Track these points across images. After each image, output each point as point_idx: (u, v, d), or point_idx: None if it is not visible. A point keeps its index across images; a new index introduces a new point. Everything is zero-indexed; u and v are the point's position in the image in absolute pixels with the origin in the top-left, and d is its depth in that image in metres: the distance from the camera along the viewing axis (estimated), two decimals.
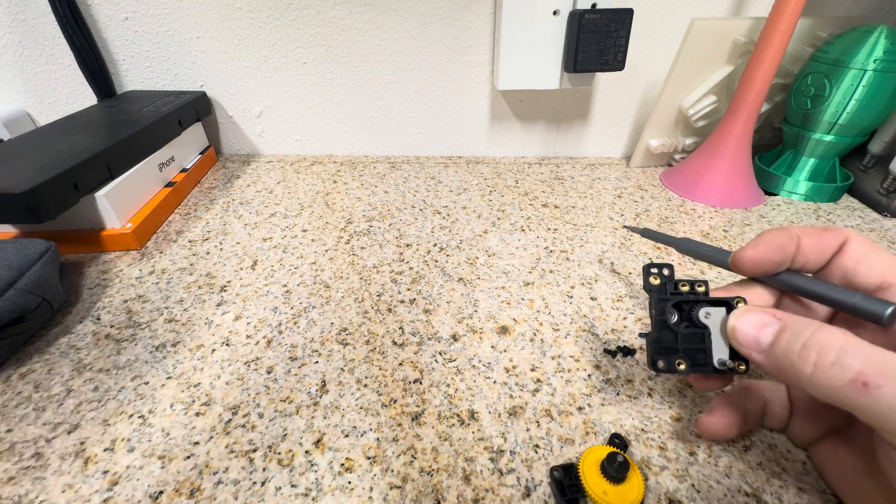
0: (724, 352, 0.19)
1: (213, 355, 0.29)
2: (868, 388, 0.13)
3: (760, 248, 0.19)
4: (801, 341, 0.15)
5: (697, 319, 0.19)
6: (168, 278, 0.36)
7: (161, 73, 0.54)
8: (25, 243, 0.32)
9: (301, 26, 0.51)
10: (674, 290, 0.20)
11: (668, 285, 0.20)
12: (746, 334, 0.17)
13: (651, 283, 0.20)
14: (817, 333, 0.15)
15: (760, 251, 0.19)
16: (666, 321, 0.19)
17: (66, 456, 0.23)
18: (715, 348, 0.19)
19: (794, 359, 0.15)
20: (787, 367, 0.16)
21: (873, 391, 0.13)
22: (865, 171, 0.50)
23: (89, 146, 0.38)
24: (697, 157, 0.50)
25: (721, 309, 0.19)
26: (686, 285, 0.20)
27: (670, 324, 0.19)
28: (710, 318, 0.19)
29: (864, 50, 0.42)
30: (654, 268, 0.20)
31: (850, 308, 0.17)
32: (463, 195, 0.50)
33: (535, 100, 0.57)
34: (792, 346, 0.15)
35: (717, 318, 0.19)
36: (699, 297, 0.20)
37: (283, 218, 0.45)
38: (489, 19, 0.51)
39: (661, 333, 0.20)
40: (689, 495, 0.22)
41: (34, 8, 0.48)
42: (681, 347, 0.19)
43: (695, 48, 0.47)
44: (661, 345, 0.19)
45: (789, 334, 0.16)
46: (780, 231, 0.19)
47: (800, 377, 0.15)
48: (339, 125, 0.58)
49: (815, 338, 0.15)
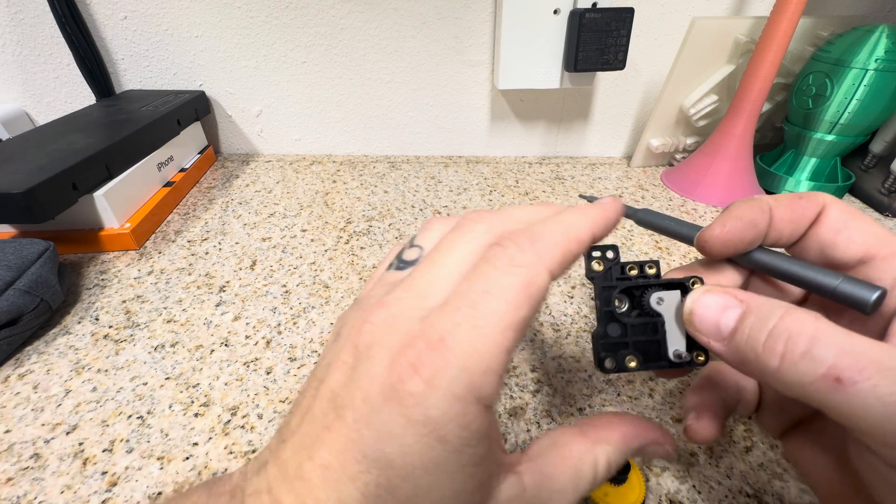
0: (680, 342, 0.17)
1: (211, 356, 0.29)
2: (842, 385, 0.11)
3: (730, 226, 0.16)
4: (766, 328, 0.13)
5: (649, 306, 0.17)
6: (167, 278, 0.36)
7: (160, 73, 0.54)
8: (24, 243, 0.32)
9: (300, 25, 0.51)
10: (620, 276, 0.17)
11: (613, 270, 0.17)
12: (705, 319, 0.15)
13: (593, 270, 0.17)
14: (785, 319, 0.13)
15: (730, 229, 0.16)
16: (613, 312, 0.17)
17: (65, 457, 0.23)
18: (670, 338, 0.17)
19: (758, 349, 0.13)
20: (750, 358, 0.13)
21: (848, 388, 0.11)
22: (867, 171, 0.50)
23: (88, 146, 0.38)
24: (698, 156, 0.50)
25: (675, 292, 0.17)
26: (634, 268, 0.17)
27: (618, 315, 0.17)
28: (664, 305, 0.17)
29: (865, 49, 0.42)
30: (595, 251, 0.17)
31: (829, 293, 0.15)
32: (463, 195, 0.50)
33: (536, 99, 0.57)
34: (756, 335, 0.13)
35: (672, 303, 0.17)
36: (650, 280, 0.17)
37: (282, 218, 0.45)
38: (489, 18, 0.51)
39: (609, 327, 0.17)
40: (690, 496, 0.22)
41: (33, 7, 0.48)
42: (631, 341, 0.17)
43: (696, 47, 0.47)
44: (608, 340, 0.17)
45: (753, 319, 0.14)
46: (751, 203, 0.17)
47: (765, 371, 0.13)
48: (339, 124, 0.58)
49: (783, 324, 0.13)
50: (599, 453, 0.16)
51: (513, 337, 0.13)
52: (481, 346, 0.13)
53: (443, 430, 0.12)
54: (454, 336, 0.13)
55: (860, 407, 0.11)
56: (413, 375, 0.13)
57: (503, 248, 0.14)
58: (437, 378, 0.12)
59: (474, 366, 0.13)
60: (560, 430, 0.16)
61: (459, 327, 0.13)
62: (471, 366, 0.13)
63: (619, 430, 0.16)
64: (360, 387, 0.13)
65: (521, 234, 0.14)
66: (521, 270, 0.14)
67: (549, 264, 0.14)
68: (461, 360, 0.13)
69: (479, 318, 0.13)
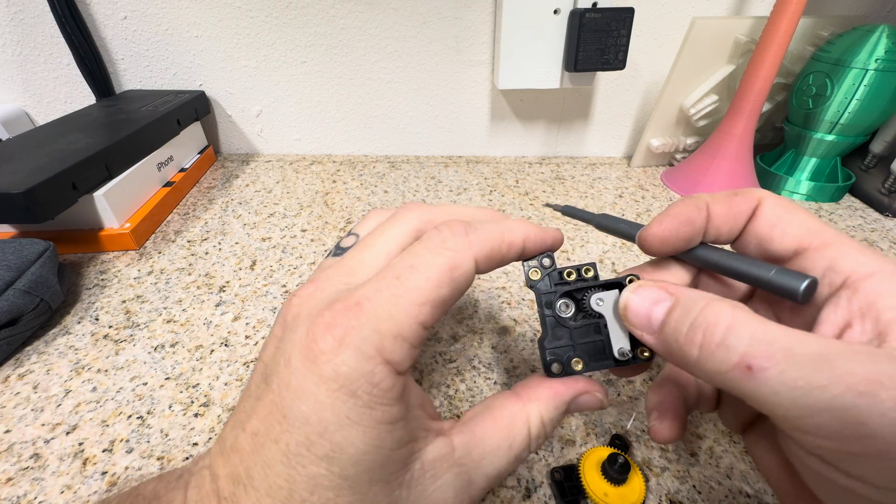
0: (624, 340, 0.17)
1: (211, 356, 0.29)
2: (752, 372, 0.12)
3: (666, 224, 0.17)
4: (689, 319, 0.13)
5: (590, 308, 0.17)
6: (167, 278, 0.36)
7: (160, 73, 0.54)
8: (24, 243, 0.32)
9: (300, 25, 0.51)
10: (559, 281, 0.17)
11: (551, 276, 0.18)
12: (638, 313, 0.15)
13: (531, 279, 0.17)
14: (706, 310, 0.13)
15: (666, 227, 0.17)
16: (556, 317, 0.17)
17: (65, 457, 0.23)
18: (614, 338, 0.17)
19: (681, 340, 0.13)
20: (675, 349, 0.14)
21: (758, 375, 0.12)
22: (867, 171, 0.50)
23: (88, 146, 0.38)
24: (699, 156, 0.50)
25: (614, 292, 0.17)
26: (572, 273, 0.17)
27: (561, 319, 0.17)
28: (604, 305, 0.17)
29: (865, 49, 0.42)
30: (531, 260, 0.18)
31: (765, 284, 0.15)
32: (463, 195, 0.50)
33: (536, 99, 0.57)
34: (679, 326, 0.14)
35: (612, 303, 0.17)
36: (588, 282, 0.17)
37: (282, 218, 0.45)
38: (489, 18, 0.51)
39: (553, 332, 0.17)
40: (691, 497, 0.22)
41: (32, 7, 0.48)
42: (576, 343, 0.17)
43: (696, 47, 0.47)
44: (554, 346, 0.17)
45: (679, 311, 0.14)
46: (688, 202, 0.17)
47: (687, 361, 0.13)
48: (339, 124, 0.58)
49: (703, 315, 0.13)
50: (532, 411, 0.16)
51: (429, 312, 0.14)
52: (396, 312, 0.13)
53: (353, 386, 0.13)
54: (371, 301, 0.14)
55: (770, 393, 0.12)
56: (326, 334, 0.13)
57: (438, 232, 0.15)
58: (347, 337, 0.13)
59: (386, 329, 0.13)
60: (494, 395, 0.17)
61: (379, 293, 0.14)
62: (382, 329, 0.13)
63: (550, 387, 0.17)
64: (283, 353, 0.14)
65: (457, 222, 0.15)
66: (448, 253, 0.14)
67: (477, 254, 0.15)
68: (374, 322, 0.13)
69: (400, 288, 0.14)
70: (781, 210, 0.16)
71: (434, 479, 0.14)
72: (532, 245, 0.17)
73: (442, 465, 0.15)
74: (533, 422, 0.16)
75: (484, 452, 0.15)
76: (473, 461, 0.15)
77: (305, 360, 0.13)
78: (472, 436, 0.15)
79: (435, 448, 0.15)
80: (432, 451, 0.15)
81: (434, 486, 0.14)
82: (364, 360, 0.13)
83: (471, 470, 0.15)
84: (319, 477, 0.13)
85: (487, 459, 0.15)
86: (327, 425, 0.13)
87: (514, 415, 0.16)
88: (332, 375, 0.13)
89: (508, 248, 0.16)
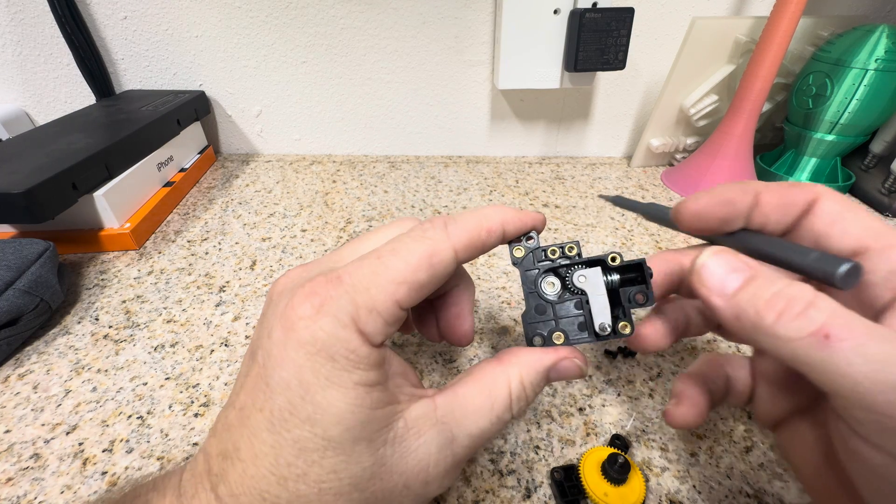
0: (605, 316, 0.17)
1: (211, 356, 0.29)
2: (829, 341, 0.12)
3: (703, 201, 0.17)
4: (771, 290, 0.14)
5: (573, 285, 0.18)
6: (167, 278, 0.36)
7: (160, 73, 0.54)
8: (24, 243, 0.32)
9: (300, 25, 0.51)
10: (543, 259, 0.18)
11: (535, 254, 0.18)
12: (714, 275, 0.15)
13: (515, 256, 0.18)
14: (791, 286, 0.14)
15: (703, 203, 0.17)
16: (540, 294, 0.18)
17: (65, 457, 0.23)
18: (595, 313, 0.17)
19: (759, 306, 0.14)
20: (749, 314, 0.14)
21: (834, 344, 0.12)
22: (867, 171, 0.50)
23: (88, 146, 0.38)
24: (699, 156, 0.50)
25: (597, 269, 0.17)
26: (556, 251, 0.18)
27: (543, 295, 0.18)
28: (587, 282, 0.17)
29: (865, 49, 0.42)
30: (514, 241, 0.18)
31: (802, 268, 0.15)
32: (463, 195, 0.50)
33: (536, 99, 0.57)
34: (761, 294, 0.14)
35: (594, 279, 0.17)
36: (572, 260, 0.18)
37: (282, 218, 0.45)
38: (489, 18, 0.51)
39: (536, 307, 0.18)
40: (691, 496, 0.22)
41: (33, 7, 0.48)
42: (558, 318, 0.18)
43: (696, 47, 0.47)
44: (536, 320, 0.18)
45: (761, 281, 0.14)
46: (734, 184, 0.17)
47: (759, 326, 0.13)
48: (339, 124, 0.58)
49: (788, 289, 0.13)
50: (512, 373, 0.17)
51: (405, 292, 0.15)
52: (373, 287, 0.14)
53: (331, 350, 0.14)
54: (351, 275, 0.15)
55: (844, 364, 0.12)
56: (304, 302, 0.14)
57: (421, 226, 0.16)
58: (325, 305, 0.14)
59: (361, 301, 0.14)
60: (478, 363, 0.18)
61: (359, 269, 0.15)
62: (358, 301, 0.14)
63: (531, 353, 0.17)
64: (266, 326, 0.15)
65: (438, 218, 0.17)
66: (428, 241, 0.15)
67: (456, 244, 0.16)
68: (351, 294, 0.14)
69: (380, 266, 0.15)
70: (842, 207, 0.16)
71: (417, 436, 0.15)
72: (512, 228, 0.17)
73: (425, 422, 0.15)
74: (513, 383, 0.16)
75: (466, 411, 0.16)
76: (455, 419, 0.16)
77: (285, 329, 0.14)
78: (455, 396, 0.16)
79: (418, 407, 0.15)
80: (415, 410, 0.15)
81: (417, 442, 0.15)
82: (340, 327, 0.14)
83: (453, 427, 0.16)
84: (304, 440, 0.13)
85: (470, 418, 0.16)
86: (308, 387, 0.13)
87: (496, 376, 0.16)
88: (311, 339, 0.14)
89: (488, 234, 0.17)
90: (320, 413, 0.13)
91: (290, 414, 0.13)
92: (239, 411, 0.14)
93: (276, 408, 0.14)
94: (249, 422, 0.14)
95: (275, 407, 0.14)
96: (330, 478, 0.14)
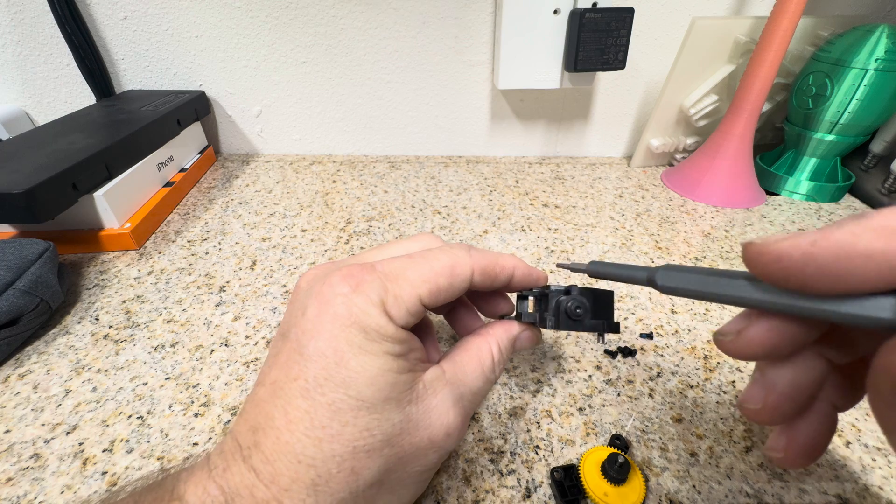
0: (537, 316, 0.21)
1: (211, 356, 0.29)
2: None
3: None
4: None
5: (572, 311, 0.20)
6: (167, 278, 0.36)
7: (160, 73, 0.54)
8: (24, 243, 0.32)
9: (300, 25, 0.51)
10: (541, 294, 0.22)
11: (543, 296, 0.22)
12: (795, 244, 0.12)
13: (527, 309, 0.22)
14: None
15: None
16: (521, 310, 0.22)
17: (65, 457, 0.23)
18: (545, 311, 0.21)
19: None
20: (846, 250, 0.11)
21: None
22: (867, 171, 0.50)
23: (88, 146, 0.38)
24: (698, 156, 0.50)
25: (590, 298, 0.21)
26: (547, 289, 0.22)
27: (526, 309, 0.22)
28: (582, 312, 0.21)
29: (865, 49, 0.42)
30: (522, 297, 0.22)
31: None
32: (463, 195, 0.50)
33: (536, 99, 0.57)
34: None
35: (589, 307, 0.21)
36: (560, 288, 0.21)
37: (282, 218, 0.45)
38: (489, 18, 0.51)
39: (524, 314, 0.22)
40: (690, 496, 0.22)
41: (33, 7, 0.48)
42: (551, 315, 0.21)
43: (696, 47, 0.47)
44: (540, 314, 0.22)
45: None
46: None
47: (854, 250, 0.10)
48: (339, 124, 0.58)
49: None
50: (492, 342, 0.20)
51: (427, 291, 0.17)
52: (402, 279, 0.17)
53: (363, 323, 0.16)
54: (383, 266, 0.17)
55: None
56: (342, 282, 0.16)
57: (449, 244, 0.20)
58: (361, 286, 0.16)
59: (391, 289, 0.17)
60: (465, 337, 0.21)
61: (391, 263, 0.17)
62: (388, 287, 0.17)
63: (502, 325, 0.21)
64: (298, 307, 0.17)
65: (463, 244, 0.20)
66: (453, 256, 0.18)
67: (475, 266, 0.19)
68: (382, 280, 0.17)
69: (410, 264, 0.18)
70: None
71: (435, 394, 0.18)
72: (521, 274, 0.21)
73: (438, 383, 0.18)
74: (494, 349, 0.20)
75: (465, 373, 0.19)
76: (459, 380, 0.19)
77: (321, 303, 0.16)
78: (455, 363, 0.19)
79: (431, 372, 0.18)
80: (430, 375, 0.18)
81: (436, 399, 0.18)
82: (372, 306, 0.16)
83: (459, 386, 0.19)
84: (338, 402, 0.15)
85: (468, 378, 0.19)
86: (342, 355, 0.15)
87: (481, 346, 0.20)
88: (346, 313, 0.16)
89: (501, 269, 0.20)
90: (354, 377, 0.15)
91: (326, 379, 0.15)
92: (270, 385, 0.16)
93: (310, 376, 0.15)
94: (283, 392, 0.15)
95: (309, 375, 0.15)
96: (364, 435, 0.15)
